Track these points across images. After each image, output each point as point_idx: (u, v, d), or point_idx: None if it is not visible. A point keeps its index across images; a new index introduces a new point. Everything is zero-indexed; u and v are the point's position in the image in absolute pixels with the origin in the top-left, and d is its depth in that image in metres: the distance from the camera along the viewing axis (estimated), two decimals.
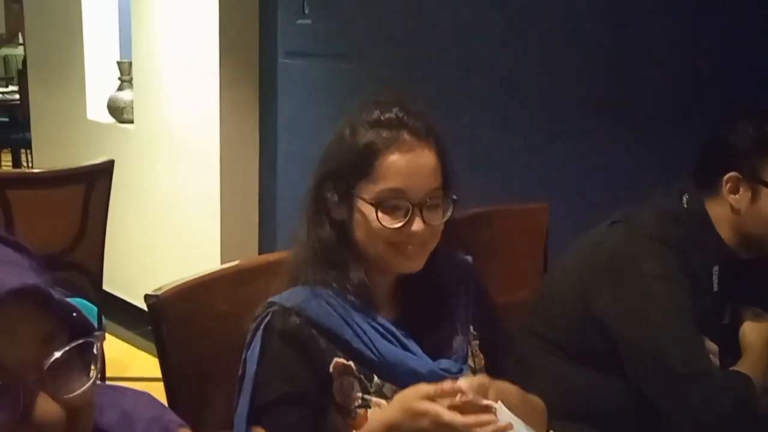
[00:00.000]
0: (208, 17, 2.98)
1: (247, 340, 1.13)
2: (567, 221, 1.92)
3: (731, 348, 1.51)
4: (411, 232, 1.11)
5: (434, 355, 1.16)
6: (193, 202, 3.19)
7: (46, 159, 4.12)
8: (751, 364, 1.47)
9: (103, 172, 2.51)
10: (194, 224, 3.20)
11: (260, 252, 3.15)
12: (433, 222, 1.13)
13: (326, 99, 2.83)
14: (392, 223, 1.10)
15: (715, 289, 1.50)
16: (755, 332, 1.51)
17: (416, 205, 1.11)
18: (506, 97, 2.30)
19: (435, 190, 1.13)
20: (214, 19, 2.95)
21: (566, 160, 2.19)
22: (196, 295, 1.28)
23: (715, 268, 1.49)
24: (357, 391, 1.11)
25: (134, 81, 3.48)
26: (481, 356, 1.24)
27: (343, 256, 1.15)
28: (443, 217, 1.14)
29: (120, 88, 3.66)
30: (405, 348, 1.14)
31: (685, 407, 1.39)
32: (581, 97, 2.15)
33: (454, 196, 1.15)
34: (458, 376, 1.16)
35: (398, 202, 1.11)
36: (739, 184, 1.45)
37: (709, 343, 1.47)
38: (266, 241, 3.16)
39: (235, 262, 1.42)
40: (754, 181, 1.43)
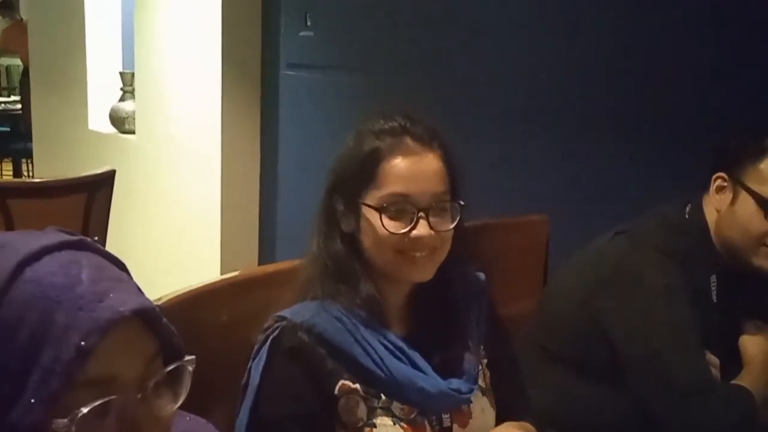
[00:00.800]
0: (211, 29, 2.99)
1: (254, 351, 1.12)
2: (567, 233, 1.91)
3: (732, 360, 1.50)
4: (417, 237, 1.10)
5: (444, 374, 1.14)
6: (194, 212, 3.19)
7: (46, 169, 4.12)
8: (753, 378, 1.46)
9: (105, 182, 2.52)
10: (195, 234, 3.20)
11: (260, 262, 3.15)
12: (440, 228, 1.11)
13: (328, 110, 2.83)
14: (397, 228, 1.09)
15: (715, 301, 1.50)
16: (756, 345, 1.51)
17: (421, 209, 1.10)
18: (507, 110, 2.31)
19: (441, 194, 1.12)
20: (216, 31, 2.96)
21: (567, 172, 2.19)
22: (196, 305, 1.28)
23: (713, 279, 1.49)
24: (363, 410, 1.10)
25: (136, 91, 3.49)
26: (487, 373, 1.23)
27: (353, 269, 1.14)
28: (451, 223, 1.13)
29: (122, 99, 3.67)
30: (415, 366, 1.13)
31: (687, 422, 1.38)
32: (582, 109, 2.16)
33: (461, 202, 1.14)
34: (468, 396, 1.16)
35: (403, 207, 1.10)
36: (725, 184, 1.47)
37: (710, 356, 1.47)
38: (266, 251, 3.16)
39: (235, 273, 1.42)
40: (737, 183, 1.45)
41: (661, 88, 2.01)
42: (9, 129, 5.87)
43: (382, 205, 1.10)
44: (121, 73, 3.68)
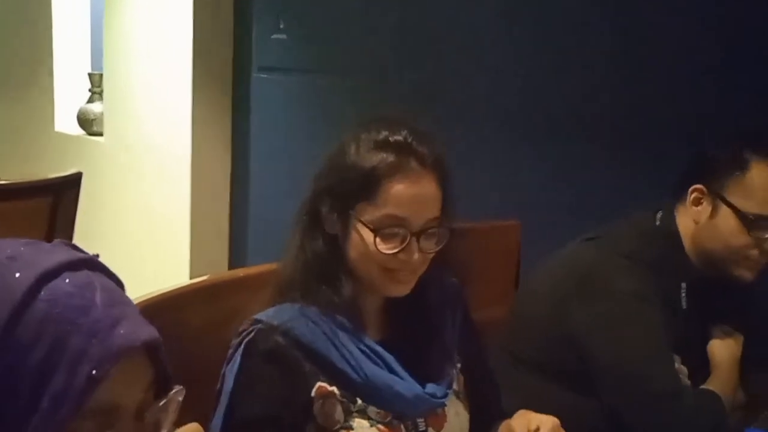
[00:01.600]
0: (182, 31, 2.96)
1: (229, 355, 1.11)
2: (539, 239, 1.92)
3: (701, 366, 1.52)
4: (407, 259, 1.10)
5: (420, 379, 1.15)
6: (163, 216, 3.15)
7: (10, 171, 4.04)
8: (721, 383, 1.48)
9: (71, 184, 2.46)
10: (164, 239, 3.16)
11: (231, 267, 3.12)
12: (428, 249, 1.12)
13: (300, 113, 2.81)
14: (389, 249, 1.09)
15: (684, 307, 1.51)
16: (724, 350, 1.53)
17: (415, 233, 1.10)
18: (479, 114, 2.32)
19: (434, 219, 1.12)
20: (187, 33, 2.93)
21: (538, 177, 2.20)
22: (164, 310, 1.26)
23: (683, 285, 1.50)
24: (339, 413, 1.10)
25: (105, 93, 3.45)
26: (462, 378, 1.23)
27: (334, 271, 1.13)
28: (438, 245, 1.13)
29: (90, 100, 3.62)
30: (391, 370, 1.13)
31: (657, 427, 1.39)
32: (554, 114, 2.17)
33: (451, 226, 1.14)
34: (444, 400, 1.16)
35: (398, 230, 1.10)
36: (702, 197, 1.47)
37: (678, 362, 1.48)
38: (238, 256, 3.13)
39: (205, 277, 1.40)
40: (717, 197, 1.46)
41: (636, 94, 2.03)
42: None
43: (378, 226, 1.09)
44: (89, 74, 3.63)
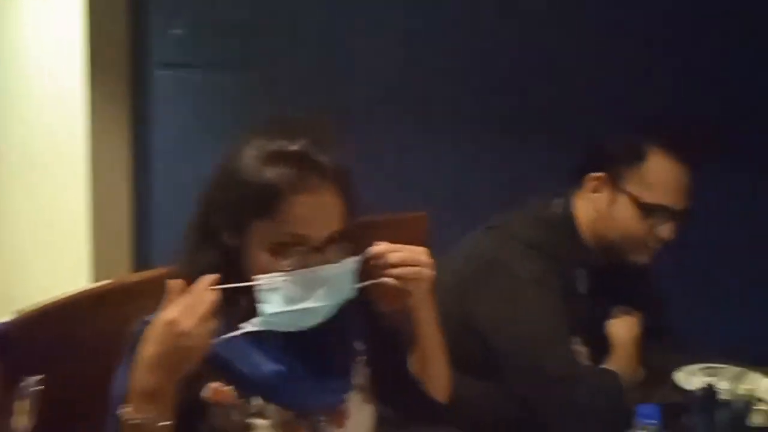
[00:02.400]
0: (72, 26, 2.82)
1: (122, 360, 1.06)
2: (446, 229, 1.94)
3: (601, 347, 1.56)
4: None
5: (319, 375, 1.13)
6: (60, 221, 3.02)
7: None
8: (620, 361, 1.53)
9: None
10: (61, 244, 3.03)
11: (135, 271, 3.02)
12: (329, 260, 1.08)
13: (205, 111, 2.75)
14: (290, 266, 1.05)
15: (583, 292, 1.56)
16: (622, 329, 1.57)
17: (316, 248, 1.06)
18: (384, 105, 2.32)
19: (336, 232, 1.08)
20: (78, 29, 2.81)
21: (445, 168, 2.23)
22: (60, 317, 1.21)
23: (581, 271, 1.55)
24: (236, 414, 1.07)
25: None
26: (366, 371, 1.22)
27: (229, 281, 1.07)
28: (340, 257, 1.08)
29: None
30: (290, 368, 1.11)
31: (558, 407, 1.43)
32: (459, 104, 2.20)
33: (353, 241, 1.10)
34: (343, 396, 1.15)
35: (299, 247, 1.05)
36: (602, 185, 1.52)
37: (578, 344, 1.52)
38: (141, 259, 3.04)
39: (107, 282, 1.36)
40: (616, 187, 1.50)
41: (542, 85, 2.07)
42: None
43: (278, 243, 1.05)
44: None
